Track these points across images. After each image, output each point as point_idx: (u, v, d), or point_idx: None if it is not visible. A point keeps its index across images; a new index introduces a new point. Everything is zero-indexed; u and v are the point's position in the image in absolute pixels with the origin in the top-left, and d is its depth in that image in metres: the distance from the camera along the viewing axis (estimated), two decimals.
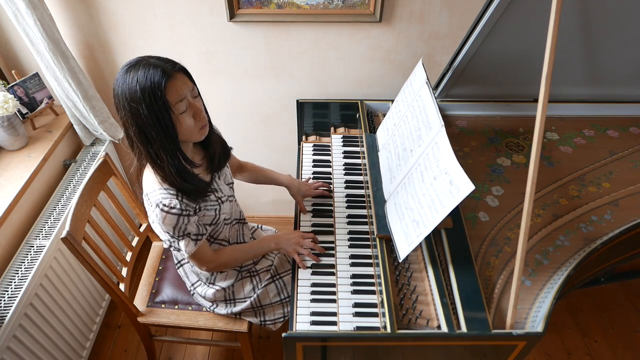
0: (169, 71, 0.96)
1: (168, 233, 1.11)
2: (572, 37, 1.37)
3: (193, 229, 1.14)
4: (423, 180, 1.17)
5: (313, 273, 1.27)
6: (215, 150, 1.21)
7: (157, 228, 1.12)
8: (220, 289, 1.40)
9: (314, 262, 1.29)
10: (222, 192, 1.25)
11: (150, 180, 1.10)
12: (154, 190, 1.08)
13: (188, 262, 1.40)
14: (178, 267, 1.47)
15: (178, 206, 1.07)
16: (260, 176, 1.53)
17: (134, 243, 1.65)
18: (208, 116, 1.12)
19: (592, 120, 1.69)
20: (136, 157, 1.09)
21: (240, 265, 1.42)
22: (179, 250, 1.16)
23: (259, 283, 1.42)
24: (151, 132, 0.98)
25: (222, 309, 1.44)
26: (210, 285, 1.41)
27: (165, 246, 1.18)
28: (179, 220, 1.09)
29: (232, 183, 1.34)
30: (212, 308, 1.45)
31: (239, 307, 1.42)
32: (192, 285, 1.45)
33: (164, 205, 1.06)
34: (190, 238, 1.14)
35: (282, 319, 1.47)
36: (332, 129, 1.78)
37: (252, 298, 1.41)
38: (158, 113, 0.95)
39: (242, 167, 1.51)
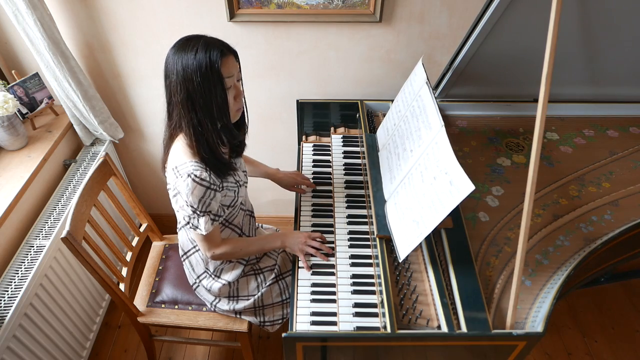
0: (225, 51, 1.07)
1: (192, 206, 1.14)
2: (572, 37, 1.37)
3: (214, 208, 1.18)
4: (423, 180, 1.17)
5: (313, 273, 1.27)
6: (243, 136, 1.29)
7: (180, 202, 1.15)
8: (226, 283, 1.40)
9: (321, 261, 1.29)
10: (239, 177, 1.30)
11: (180, 153, 1.15)
12: (185, 163, 1.13)
13: (194, 253, 1.40)
14: (184, 259, 1.46)
15: (208, 179, 1.13)
16: (251, 168, 1.57)
17: (134, 243, 1.65)
18: (245, 104, 1.22)
19: (592, 120, 1.69)
20: (172, 125, 1.15)
21: (246, 260, 1.42)
22: (195, 228, 1.18)
23: (263, 282, 1.43)
24: (199, 100, 1.06)
25: (224, 305, 1.44)
26: (216, 279, 1.41)
27: (182, 224, 1.18)
28: (206, 193, 1.13)
29: (246, 171, 1.39)
30: (214, 303, 1.45)
31: (241, 305, 1.42)
32: (198, 277, 1.45)
33: (196, 176, 1.11)
34: (210, 216, 1.18)
35: (280, 321, 1.47)
36: (332, 129, 1.78)
37: (255, 296, 1.41)
38: (211, 83, 1.05)
39: None
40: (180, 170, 1.13)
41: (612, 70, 1.53)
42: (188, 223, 1.18)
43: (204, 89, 1.05)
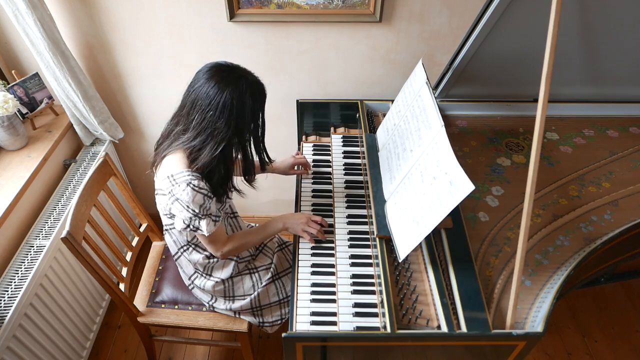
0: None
1: (194, 211, 1.15)
2: (572, 37, 1.37)
3: (214, 210, 1.21)
4: (423, 180, 1.17)
5: (313, 273, 1.27)
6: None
7: (179, 207, 1.16)
8: (220, 281, 1.40)
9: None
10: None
11: (175, 162, 1.17)
12: (182, 172, 1.15)
13: (182, 255, 1.40)
14: (176, 259, 1.46)
15: (206, 187, 1.16)
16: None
17: (134, 243, 1.65)
18: None
19: (592, 120, 1.69)
20: (185, 144, 1.16)
21: (238, 256, 1.42)
22: (196, 230, 1.19)
23: (259, 281, 1.43)
24: (248, 129, 1.18)
25: (220, 304, 1.44)
26: (208, 277, 1.41)
27: (181, 227, 1.18)
28: (205, 199, 1.16)
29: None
30: (211, 303, 1.46)
31: (237, 304, 1.42)
32: (190, 278, 1.45)
33: (194, 185, 1.14)
34: (211, 218, 1.20)
35: (279, 322, 1.47)
36: (332, 129, 1.78)
37: (252, 296, 1.41)
38: (259, 117, 1.19)
39: None
40: (178, 180, 1.14)
41: (612, 70, 1.53)
42: (188, 226, 1.18)
43: (255, 123, 1.17)
